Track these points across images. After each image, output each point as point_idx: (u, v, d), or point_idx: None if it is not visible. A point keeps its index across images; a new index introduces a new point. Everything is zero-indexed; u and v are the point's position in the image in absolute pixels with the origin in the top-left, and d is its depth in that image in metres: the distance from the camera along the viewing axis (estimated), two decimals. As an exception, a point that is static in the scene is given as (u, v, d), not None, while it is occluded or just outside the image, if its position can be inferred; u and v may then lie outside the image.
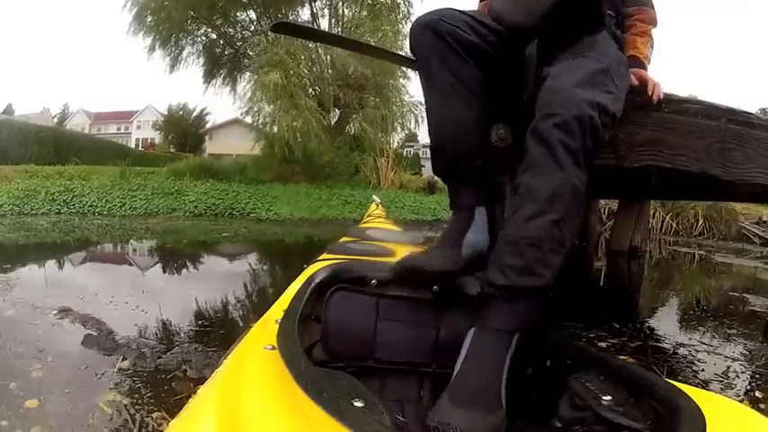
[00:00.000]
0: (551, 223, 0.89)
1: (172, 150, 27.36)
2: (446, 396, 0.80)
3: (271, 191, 10.37)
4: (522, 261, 0.88)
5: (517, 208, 0.93)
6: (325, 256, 1.50)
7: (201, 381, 1.58)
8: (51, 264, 4.42)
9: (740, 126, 1.51)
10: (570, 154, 0.92)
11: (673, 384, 0.67)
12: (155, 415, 1.40)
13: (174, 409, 1.41)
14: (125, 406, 1.44)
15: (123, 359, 1.79)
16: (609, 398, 0.70)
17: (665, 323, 2.73)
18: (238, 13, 13.33)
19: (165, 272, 4.39)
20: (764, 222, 7.47)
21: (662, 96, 1.38)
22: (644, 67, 1.39)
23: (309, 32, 3.88)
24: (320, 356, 0.97)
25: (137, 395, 1.53)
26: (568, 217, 0.91)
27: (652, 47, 1.43)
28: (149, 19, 12.02)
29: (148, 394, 1.54)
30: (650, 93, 1.36)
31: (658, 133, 1.44)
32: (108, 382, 1.62)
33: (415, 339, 1.01)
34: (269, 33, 11.15)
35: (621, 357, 1.91)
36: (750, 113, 1.55)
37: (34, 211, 8.97)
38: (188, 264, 4.94)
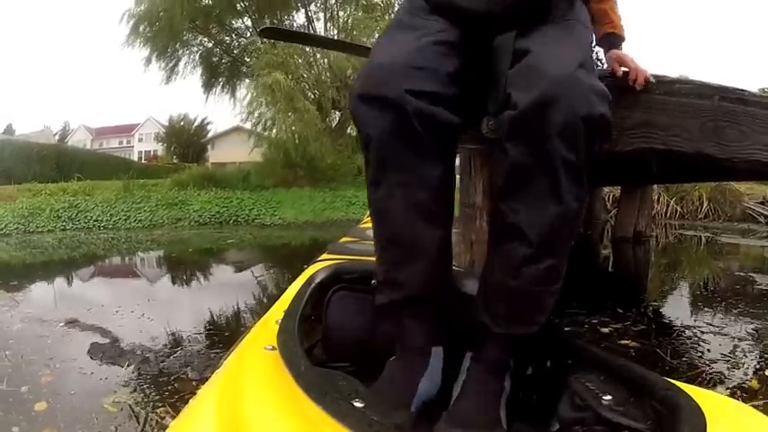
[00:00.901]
0: (547, 269, 0.77)
1: (175, 161, 27.37)
2: (443, 425, 0.76)
3: (274, 196, 10.42)
4: (513, 310, 0.79)
5: (504, 241, 0.79)
6: (325, 256, 1.51)
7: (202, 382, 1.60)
8: (59, 279, 4.46)
9: (733, 103, 1.49)
10: (573, 175, 0.74)
11: (673, 384, 0.67)
12: (159, 410, 1.43)
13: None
14: (129, 406, 1.47)
15: (128, 365, 1.81)
16: (609, 398, 0.70)
17: (671, 306, 2.72)
18: (233, 21, 13.38)
19: (171, 281, 4.41)
20: (769, 201, 7.42)
21: (650, 79, 1.33)
22: (622, 42, 1.28)
23: (299, 36, 3.89)
24: (320, 356, 0.97)
25: (141, 395, 1.56)
26: (566, 251, 0.79)
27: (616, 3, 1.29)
28: (145, 30, 12.09)
29: (152, 395, 1.56)
30: (632, 82, 1.28)
31: (650, 115, 1.43)
32: (113, 386, 1.65)
33: None
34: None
35: (624, 341, 1.91)
36: (743, 90, 1.54)
37: (39, 229, 9.03)
38: (194, 272, 4.96)
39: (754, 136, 1.51)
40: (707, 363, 1.70)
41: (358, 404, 0.58)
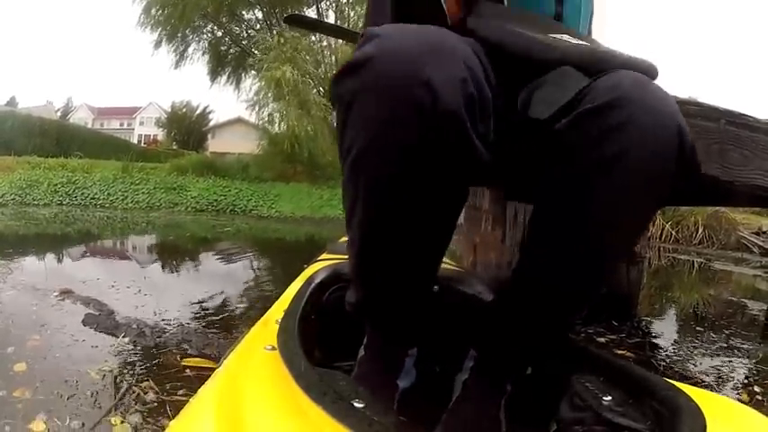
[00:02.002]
0: (578, 310, 0.75)
1: (174, 147, 27.33)
2: (443, 425, 0.76)
3: (273, 189, 10.44)
4: (535, 333, 0.78)
5: (531, 289, 0.74)
6: (325, 255, 1.50)
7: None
8: (55, 251, 4.46)
9: (739, 128, 1.53)
10: (636, 224, 0.67)
11: (673, 384, 0.66)
12: (143, 384, 1.42)
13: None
14: (114, 375, 1.47)
15: (123, 335, 1.81)
16: (609, 398, 0.69)
17: (663, 323, 2.78)
18: (244, 12, 13.41)
19: (166, 261, 4.43)
20: (764, 233, 7.46)
21: None
22: None
23: (321, 26, 3.87)
24: (320, 357, 0.94)
25: (129, 367, 1.55)
26: (602, 285, 0.73)
27: None
28: (158, 13, 12.09)
29: (141, 368, 1.56)
30: None
31: (658, 133, 1.45)
32: (104, 355, 1.64)
33: None
34: (277, 30, 11.20)
35: (620, 351, 1.94)
36: (749, 116, 1.57)
37: (36, 202, 9.04)
38: (191, 254, 4.97)
39: (757, 161, 1.55)
40: (700, 373, 1.74)
41: (358, 404, 0.58)
